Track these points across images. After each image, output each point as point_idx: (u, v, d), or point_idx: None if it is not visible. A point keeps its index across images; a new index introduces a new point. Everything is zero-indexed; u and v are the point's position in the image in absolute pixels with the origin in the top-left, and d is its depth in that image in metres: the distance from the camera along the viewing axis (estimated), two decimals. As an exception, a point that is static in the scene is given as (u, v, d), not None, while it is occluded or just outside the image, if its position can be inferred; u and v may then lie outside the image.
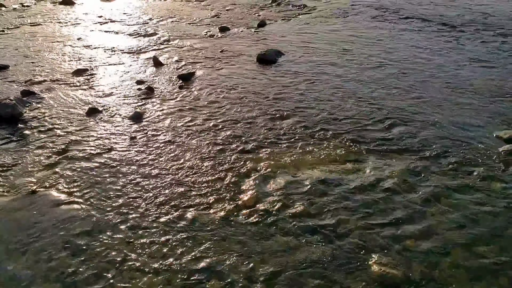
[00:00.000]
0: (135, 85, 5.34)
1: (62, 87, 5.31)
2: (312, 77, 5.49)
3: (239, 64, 6.04)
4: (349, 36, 7.10)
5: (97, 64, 6.03)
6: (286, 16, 8.41)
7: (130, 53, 6.50)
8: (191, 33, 7.45)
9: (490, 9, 8.60)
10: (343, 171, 3.56)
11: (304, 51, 6.44)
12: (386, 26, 7.66)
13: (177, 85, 5.38)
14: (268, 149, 3.90)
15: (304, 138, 4.08)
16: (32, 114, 4.61)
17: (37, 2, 9.82)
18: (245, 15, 8.56)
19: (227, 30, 7.66)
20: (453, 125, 4.29)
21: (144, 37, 7.28)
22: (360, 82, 5.33)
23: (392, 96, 4.95)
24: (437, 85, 5.24)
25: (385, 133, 4.16)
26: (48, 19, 8.38)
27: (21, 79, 5.55)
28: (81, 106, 4.79)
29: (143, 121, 4.45)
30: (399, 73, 5.58)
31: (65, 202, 3.25)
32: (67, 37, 7.27)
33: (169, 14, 8.66)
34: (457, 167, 3.61)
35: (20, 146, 4.04)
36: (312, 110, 4.63)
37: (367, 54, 6.28)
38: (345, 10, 8.72)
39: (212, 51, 6.58)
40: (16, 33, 7.53)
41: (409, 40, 6.90)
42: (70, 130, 4.27)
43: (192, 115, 4.57)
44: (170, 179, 3.50)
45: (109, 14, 8.69)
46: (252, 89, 5.20)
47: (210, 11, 8.85)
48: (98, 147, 3.97)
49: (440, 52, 6.36)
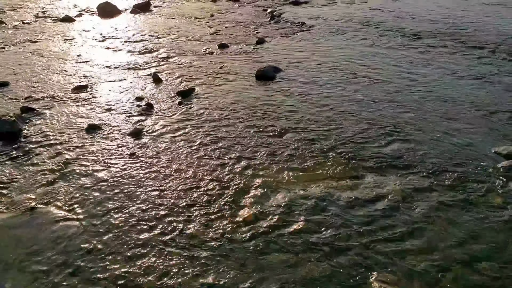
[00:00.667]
0: (135, 102, 5.36)
1: (61, 103, 5.32)
2: (310, 94, 5.52)
3: (238, 81, 6.07)
4: (347, 54, 7.16)
5: (97, 81, 6.06)
6: (285, 34, 8.48)
7: (130, 70, 6.54)
8: (190, 50, 7.50)
9: (478, 26, 8.69)
10: (342, 188, 3.57)
11: (302, 68, 6.49)
12: (383, 44, 7.72)
13: (176, 101, 5.40)
14: (267, 165, 3.90)
15: (302, 154, 4.08)
16: (32, 131, 4.62)
17: (37, 19, 9.90)
18: (244, 33, 8.63)
19: (226, 47, 7.71)
20: (451, 141, 4.31)
21: (143, 54, 7.33)
22: (358, 99, 5.36)
23: (389, 112, 4.98)
24: (434, 101, 5.27)
25: (384, 149, 4.17)
26: (48, 36, 8.43)
27: (21, 95, 5.57)
28: (81, 123, 4.80)
29: (142, 137, 4.46)
30: (396, 90, 5.62)
31: (64, 219, 3.24)
32: (67, 54, 7.32)
33: (168, 31, 8.73)
34: (457, 183, 3.62)
35: (19, 162, 4.04)
36: (310, 126, 4.64)
37: (364, 71, 6.32)
38: (343, 28, 8.80)
39: (211, 67, 6.63)
40: (16, 50, 7.58)
41: (405, 57, 6.96)
42: (69, 147, 4.27)
43: (191, 132, 4.58)
44: (169, 195, 3.49)
45: (108, 31, 8.76)
46: (250, 105, 5.22)
47: (209, 29, 8.93)
48: (97, 163, 3.97)
49: (435, 68, 6.41)
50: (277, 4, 11.31)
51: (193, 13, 10.38)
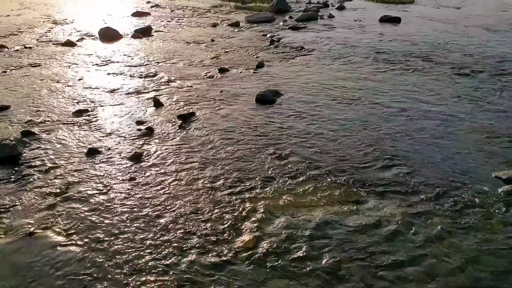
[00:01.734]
0: (135, 126, 5.38)
1: (62, 127, 5.34)
2: (310, 118, 5.55)
3: (238, 105, 6.11)
4: (346, 78, 7.22)
5: (98, 105, 6.10)
6: (284, 58, 8.57)
7: (131, 94, 6.58)
8: (191, 74, 7.56)
9: (475, 49, 8.78)
10: (343, 212, 3.56)
11: (302, 92, 6.53)
12: (381, 68, 7.80)
13: (176, 125, 5.42)
14: (268, 190, 3.90)
15: (303, 178, 4.08)
16: (32, 155, 4.63)
17: (39, 43, 10.00)
18: (244, 57, 8.72)
19: (227, 71, 7.78)
20: (452, 165, 4.31)
21: (144, 78, 7.39)
22: (357, 123, 5.38)
23: (389, 136, 4.99)
24: (433, 125, 5.30)
25: (384, 173, 4.17)
26: (50, 60, 8.51)
27: (22, 119, 5.59)
28: (81, 147, 4.80)
29: (143, 162, 4.46)
30: (396, 113, 5.65)
31: (63, 244, 3.21)
32: (68, 78, 7.37)
33: (169, 55, 8.82)
34: (457, 207, 3.61)
35: (18, 186, 4.03)
36: (311, 151, 4.65)
37: (363, 94, 6.37)
38: (341, 52, 8.90)
39: (211, 91, 6.67)
40: (18, 74, 7.64)
41: (403, 80, 7.02)
42: (69, 171, 4.27)
43: (191, 155, 4.59)
44: (169, 220, 3.48)
45: (110, 55, 8.84)
46: (251, 129, 5.24)
47: (209, 53, 9.02)
48: (97, 188, 3.97)
49: (433, 91, 6.46)
50: (276, 29, 11.45)
51: (193, 38, 10.50)
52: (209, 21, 12.53)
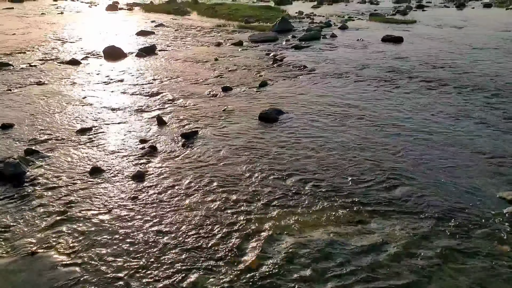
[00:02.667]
0: (139, 144, 5.39)
1: (65, 146, 5.35)
2: (313, 136, 5.55)
3: (241, 123, 6.12)
4: (349, 97, 7.24)
5: (101, 123, 6.12)
6: (287, 77, 8.61)
7: (134, 112, 6.61)
8: (194, 93, 7.60)
9: (478, 69, 8.81)
10: (348, 233, 3.53)
11: (305, 110, 6.55)
12: (384, 87, 7.82)
13: (179, 143, 5.43)
14: (271, 210, 3.88)
15: (306, 198, 4.06)
16: (35, 173, 4.63)
17: (44, 62, 10.09)
18: (247, 76, 8.77)
19: (230, 90, 7.82)
20: (456, 186, 4.29)
21: (148, 96, 7.42)
22: (360, 142, 5.38)
23: (392, 156, 4.98)
24: (435, 144, 5.29)
25: (388, 194, 4.15)
26: (54, 79, 8.57)
27: (26, 137, 5.61)
28: (84, 165, 4.81)
29: (145, 181, 4.46)
30: (397, 133, 5.64)
31: (65, 264, 3.19)
32: (72, 96, 7.41)
33: (173, 74, 8.88)
34: (462, 229, 3.58)
35: (21, 205, 4.02)
36: (314, 170, 4.64)
37: (365, 113, 6.37)
38: (344, 71, 8.94)
39: (214, 110, 6.69)
40: (22, 92, 7.69)
41: (406, 100, 7.03)
42: (72, 190, 4.27)
43: (194, 174, 4.58)
44: (172, 240, 3.45)
45: (114, 74, 8.90)
46: (254, 147, 5.24)
47: (213, 72, 9.08)
48: (99, 207, 3.95)
49: (437, 111, 6.46)
50: (279, 48, 11.53)
51: (197, 56, 10.58)
52: (213, 40, 12.64)
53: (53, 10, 20.30)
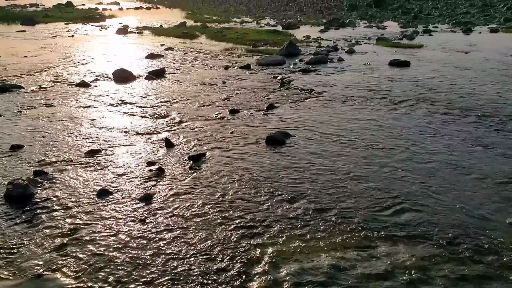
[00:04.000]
0: (146, 166, 5.42)
1: (74, 167, 5.39)
2: (320, 160, 5.55)
3: (249, 146, 6.14)
4: (355, 120, 7.25)
5: (110, 145, 6.16)
6: (294, 100, 8.66)
7: (143, 134, 6.65)
8: (202, 115, 7.65)
9: (487, 95, 8.81)
10: (355, 258, 3.50)
11: (312, 134, 6.56)
12: (391, 111, 7.83)
13: (187, 166, 5.45)
14: (277, 234, 3.86)
15: (313, 222, 4.05)
16: (43, 195, 4.65)
17: (54, 84, 10.22)
18: (255, 99, 8.82)
19: (237, 112, 7.87)
20: (464, 211, 4.26)
21: (157, 118, 7.48)
22: (368, 166, 5.37)
23: (400, 180, 4.97)
24: (444, 169, 5.26)
25: (395, 218, 4.12)
26: (64, 101, 8.67)
27: (34, 159, 5.65)
28: (92, 187, 4.83)
29: (153, 203, 4.47)
30: (405, 158, 5.63)
31: (71, 286, 3.18)
32: (81, 118, 7.49)
33: (181, 97, 8.95)
34: (471, 255, 3.54)
35: (28, 227, 4.04)
36: (321, 194, 4.63)
37: (372, 138, 6.37)
38: (351, 95, 8.98)
39: (222, 132, 6.73)
40: (32, 113, 7.78)
41: (414, 125, 7.03)
42: (80, 212, 4.28)
43: (202, 197, 4.59)
44: (179, 263, 3.44)
45: (123, 96, 9.00)
46: (261, 170, 5.25)
47: (221, 95, 9.14)
48: (107, 229, 3.96)
49: (444, 136, 6.45)
50: (286, 71, 11.62)
51: (205, 79, 10.68)
52: (221, 63, 12.77)
53: (64, 33, 20.65)
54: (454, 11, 27.81)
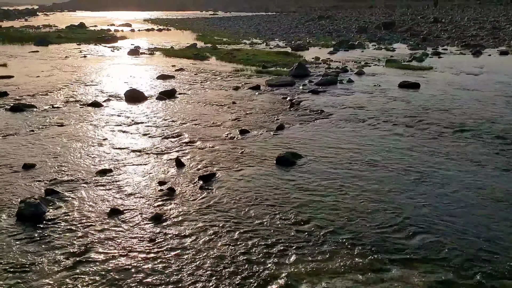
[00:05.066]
0: (157, 186, 5.44)
1: (85, 186, 5.42)
2: (330, 181, 5.54)
3: (258, 166, 6.15)
4: (366, 142, 7.25)
5: (121, 165, 6.20)
6: (304, 121, 8.68)
7: (154, 154, 6.69)
8: (212, 135, 7.69)
9: (494, 117, 8.77)
10: (367, 282, 3.46)
11: (322, 155, 6.56)
12: (402, 133, 7.82)
13: (197, 186, 5.46)
14: (289, 256, 3.84)
15: (324, 245, 4.02)
16: (55, 214, 4.68)
17: (67, 103, 10.35)
18: (264, 119, 8.86)
19: (247, 132, 7.90)
20: (478, 234, 4.21)
21: (167, 138, 7.53)
22: (379, 187, 5.34)
23: (412, 202, 4.93)
24: (456, 191, 5.22)
25: (408, 241, 4.09)
26: (76, 120, 8.77)
27: (46, 178, 5.70)
28: (103, 207, 4.85)
29: (163, 223, 4.47)
30: (416, 180, 5.60)
31: (81, 307, 3.18)
32: (93, 138, 7.56)
33: (192, 117, 9.02)
34: (485, 280, 3.49)
35: (39, 246, 4.05)
36: (332, 215, 4.61)
37: (384, 159, 6.36)
38: (361, 116, 8.99)
39: (232, 152, 6.75)
40: (44, 133, 7.87)
41: (425, 146, 7.00)
42: (91, 231, 4.29)
43: (212, 218, 4.59)
44: (190, 285, 3.42)
45: (135, 116, 9.08)
46: (271, 192, 5.25)
47: (230, 115, 9.20)
48: (117, 249, 3.96)
49: (456, 158, 6.41)
50: (296, 92, 11.68)
51: (215, 100, 10.76)
52: (231, 84, 12.87)
53: (76, 54, 20.98)
54: (463, 34, 27.91)
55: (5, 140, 7.44)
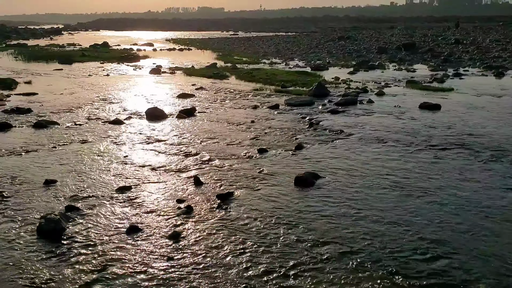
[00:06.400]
0: (175, 204, 5.46)
1: (105, 203, 5.47)
2: (350, 202, 5.48)
3: (277, 186, 6.12)
4: (386, 163, 7.17)
5: (141, 182, 6.25)
6: (323, 141, 8.65)
7: (173, 172, 6.73)
8: (230, 154, 7.71)
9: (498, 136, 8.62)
10: (387, 306, 3.39)
11: (342, 176, 6.51)
12: (423, 155, 7.72)
13: (215, 204, 5.47)
14: (305, 279, 3.79)
15: (343, 268, 3.96)
16: (74, 230, 4.72)
17: (89, 121, 10.53)
18: (283, 138, 8.86)
19: (265, 152, 7.89)
20: (501, 258, 4.11)
21: (186, 156, 7.58)
22: (400, 210, 5.26)
23: (433, 225, 4.84)
24: (478, 214, 5.11)
25: (429, 265, 4.00)
26: (98, 137, 8.90)
27: (67, 194, 5.77)
28: (122, 224, 4.88)
29: (181, 241, 4.48)
30: (438, 202, 5.51)
31: (98, 324, 3.18)
32: (113, 155, 7.65)
33: (211, 135, 9.07)
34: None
35: (58, 261, 4.08)
36: (352, 238, 4.55)
37: (404, 180, 6.28)
38: (381, 137, 8.92)
39: (250, 171, 6.74)
40: (66, 149, 8.00)
41: (446, 168, 6.89)
42: (109, 248, 4.32)
43: (229, 237, 4.57)
44: (206, 304, 3.40)
45: (155, 134, 9.18)
46: (289, 212, 5.22)
47: (249, 134, 9.22)
48: (135, 266, 3.97)
49: (478, 180, 6.29)
50: (315, 112, 11.67)
51: (234, 118, 10.82)
52: (250, 103, 12.93)
53: (100, 72, 21.40)
54: (485, 55, 27.62)
55: (27, 155, 7.58)
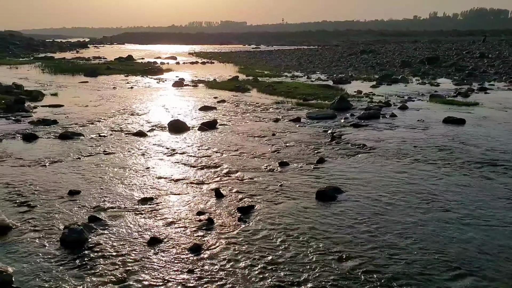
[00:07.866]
0: (196, 216, 5.48)
1: (127, 214, 5.53)
2: (373, 218, 5.41)
3: (298, 200, 6.09)
4: (410, 178, 7.07)
5: (163, 193, 6.30)
6: (346, 155, 8.59)
7: (194, 184, 6.77)
8: (251, 167, 7.71)
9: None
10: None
11: (364, 190, 6.44)
12: (447, 170, 7.59)
13: (236, 217, 5.46)
14: (328, 293, 3.75)
15: (365, 284, 3.90)
16: (97, 240, 4.77)
17: (113, 133, 10.68)
18: (304, 152, 8.83)
19: (287, 165, 7.87)
20: (529, 279, 3.98)
21: (208, 168, 7.61)
22: (422, 226, 5.17)
23: (457, 243, 4.74)
24: (505, 233, 4.98)
25: (452, 284, 3.90)
26: (121, 149, 9.02)
27: (90, 205, 5.85)
28: (143, 235, 4.92)
29: (202, 254, 4.48)
30: (462, 219, 5.40)
31: (118, 335, 3.19)
32: (136, 166, 7.73)
33: (232, 148, 9.11)
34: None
35: (80, 272, 4.13)
36: (373, 254, 4.48)
37: (428, 197, 6.17)
38: (405, 151, 8.81)
39: (271, 185, 6.73)
40: (90, 160, 8.12)
41: (472, 185, 6.76)
42: (131, 259, 4.35)
43: (250, 250, 4.55)
44: (225, 318, 3.39)
45: (177, 146, 9.26)
46: (310, 226, 5.18)
47: (270, 147, 9.22)
48: (156, 278, 3.99)
49: (503, 197, 6.14)
50: (337, 125, 11.62)
51: (255, 131, 10.84)
52: (271, 116, 12.95)
53: (124, 85, 21.75)
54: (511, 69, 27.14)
55: (52, 166, 7.73)
